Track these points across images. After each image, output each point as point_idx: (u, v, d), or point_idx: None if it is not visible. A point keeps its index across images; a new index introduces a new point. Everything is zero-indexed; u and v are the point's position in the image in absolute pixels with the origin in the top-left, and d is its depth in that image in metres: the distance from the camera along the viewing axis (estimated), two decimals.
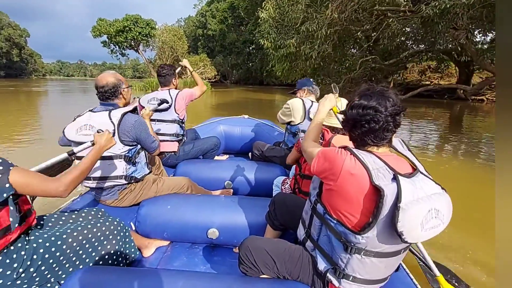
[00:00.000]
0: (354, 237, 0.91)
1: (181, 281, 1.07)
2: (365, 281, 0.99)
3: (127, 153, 1.66)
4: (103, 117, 1.59)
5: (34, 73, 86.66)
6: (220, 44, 39.49)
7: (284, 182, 1.98)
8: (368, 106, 0.93)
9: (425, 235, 0.84)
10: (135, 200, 1.79)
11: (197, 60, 29.63)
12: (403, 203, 0.81)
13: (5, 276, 1.02)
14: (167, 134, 2.55)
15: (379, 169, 0.88)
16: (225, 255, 1.69)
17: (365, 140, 0.97)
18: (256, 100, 17.14)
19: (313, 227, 1.09)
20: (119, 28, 27.65)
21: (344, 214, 0.94)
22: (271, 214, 1.50)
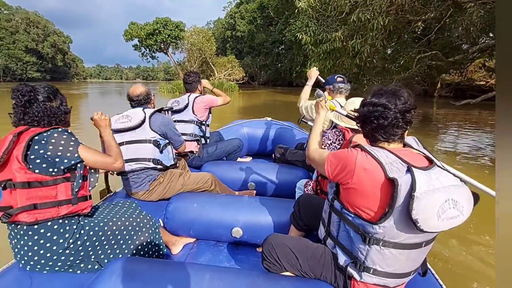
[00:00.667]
0: (372, 227, 0.93)
1: (208, 274, 1.13)
2: (386, 274, 0.98)
3: (155, 138, 1.87)
4: (137, 109, 1.90)
5: (76, 76, 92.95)
6: (249, 45, 38.66)
7: (307, 184, 1.95)
8: (378, 103, 0.98)
9: (442, 225, 0.84)
10: (163, 193, 1.94)
11: (225, 61, 28.87)
12: (417, 192, 0.83)
13: (58, 243, 1.18)
14: (185, 134, 2.59)
15: (392, 163, 0.91)
16: (249, 254, 1.74)
17: (375, 136, 1.01)
18: (284, 103, 15.78)
19: (332, 224, 1.11)
20: (149, 31, 27.86)
21: (361, 208, 0.97)
22: (295, 214, 1.52)
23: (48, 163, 1.14)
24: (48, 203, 1.16)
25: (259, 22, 36.21)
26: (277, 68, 39.40)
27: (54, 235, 1.17)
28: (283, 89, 30.08)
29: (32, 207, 1.13)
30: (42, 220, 1.15)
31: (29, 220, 1.13)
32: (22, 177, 1.11)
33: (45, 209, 1.15)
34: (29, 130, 1.17)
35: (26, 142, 1.10)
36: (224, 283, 1.10)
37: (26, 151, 1.10)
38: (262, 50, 37.39)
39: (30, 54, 58.58)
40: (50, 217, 1.16)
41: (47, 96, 1.23)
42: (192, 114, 2.66)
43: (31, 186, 1.12)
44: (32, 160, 1.11)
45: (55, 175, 1.16)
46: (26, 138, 1.12)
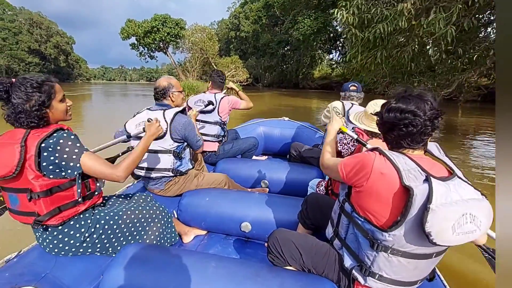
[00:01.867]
0: (381, 234, 0.91)
1: (214, 262, 1.19)
2: (392, 281, 0.97)
3: (176, 149, 1.88)
4: (158, 116, 1.81)
5: (79, 77, 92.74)
6: (253, 45, 37.47)
7: (319, 184, 1.97)
8: (406, 110, 0.92)
9: (456, 239, 0.81)
10: (178, 191, 1.99)
11: (228, 62, 27.55)
12: (433, 204, 0.79)
13: (75, 237, 1.26)
14: (209, 135, 2.69)
15: (410, 170, 0.88)
16: (257, 249, 1.77)
17: (401, 143, 0.96)
18: (292, 107, 14.30)
19: (341, 226, 1.10)
20: (147, 28, 25.73)
21: (372, 213, 0.94)
22: (303, 213, 1.54)
23: (59, 169, 1.18)
24: (70, 204, 1.22)
25: (264, 22, 35.00)
26: (282, 69, 38.23)
27: (71, 231, 1.25)
28: (288, 92, 28.62)
29: (57, 210, 1.19)
30: (67, 220, 1.23)
31: (57, 223, 1.20)
32: (41, 185, 1.14)
33: (68, 209, 1.23)
34: (32, 135, 1.14)
35: (36, 150, 1.12)
36: (227, 271, 1.14)
37: (38, 159, 1.12)
38: (267, 51, 36.12)
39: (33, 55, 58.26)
40: (72, 216, 1.25)
41: (27, 93, 1.14)
42: (217, 115, 2.68)
43: (53, 192, 1.17)
44: (45, 167, 1.14)
45: (69, 177, 1.20)
46: (34, 144, 1.12)
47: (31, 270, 1.17)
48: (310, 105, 15.38)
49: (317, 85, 34.68)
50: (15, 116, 1.13)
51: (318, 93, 26.77)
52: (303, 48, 29.33)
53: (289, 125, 3.58)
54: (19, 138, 1.11)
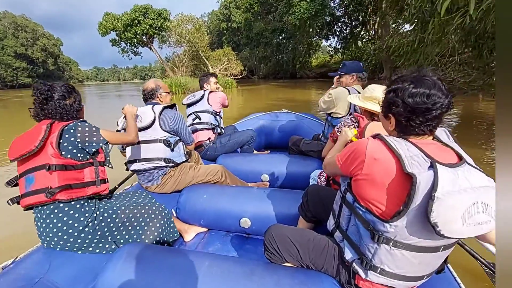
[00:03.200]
0: (382, 225, 0.86)
1: (208, 261, 1.18)
2: (395, 276, 0.91)
3: (166, 138, 1.91)
4: (147, 109, 1.92)
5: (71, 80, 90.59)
6: (246, 35, 35.49)
7: (320, 175, 1.93)
8: (432, 93, 0.84)
9: (468, 231, 0.75)
10: (175, 185, 1.98)
11: (220, 54, 25.80)
12: (439, 192, 0.74)
13: (79, 220, 1.30)
14: (201, 123, 2.72)
15: (413, 157, 0.82)
16: (257, 244, 1.74)
17: (414, 127, 0.88)
18: (290, 101, 12.65)
19: (342, 217, 1.06)
20: (127, 21, 22.57)
21: (372, 202, 0.90)
22: (303, 205, 1.50)
23: (77, 149, 1.31)
24: (79, 184, 1.33)
25: (256, 10, 33.05)
26: (278, 59, 36.54)
27: (76, 213, 1.31)
28: (285, 83, 26.96)
29: (69, 186, 1.28)
30: (76, 198, 1.31)
31: (66, 198, 1.28)
32: (58, 161, 1.26)
33: (77, 189, 1.32)
34: (56, 123, 1.33)
35: (59, 131, 1.27)
36: (222, 270, 1.13)
37: (59, 139, 1.27)
38: (261, 40, 34.21)
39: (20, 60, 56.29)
40: (81, 196, 1.33)
41: (62, 95, 1.38)
42: (207, 104, 2.76)
43: (67, 169, 1.29)
44: (64, 147, 1.28)
45: (82, 160, 1.34)
46: (58, 127, 1.29)
47: (26, 276, 1.16)
48: (309, 97, 13.91)
49: (315, 73, 33.26)
50: (54, 111, 1.35)
51: (316, 82, 25.14)
52: (299, 35, 27.55)
53: (289, 117, 3.50)
54: (46, 123, 1.31)
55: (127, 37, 23.18)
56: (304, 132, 3.14)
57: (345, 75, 2.36)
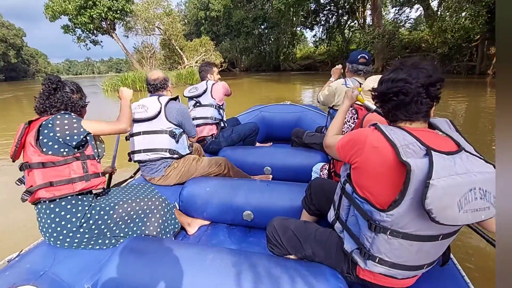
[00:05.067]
0: (379, 214, 0.85)
1: (210, 254, 1.17)
2: (393, 265, 0.91)
3: (172, 129, 1.87)
4: (152, 99, 1.87)
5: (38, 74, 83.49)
6: (226, 24, 33.04)
7: (322, 168, 1.92)
8: (397, 78, 0.89)
9: (465, 218, 0.74)
10: (178, 177, 1.95)
11: (196, 45, 23.31)
12: (434, 179, 0.72)
13: (71, 221, 1.27)
14: (206, 118, 2.62)
15: (408, 145, 0.81)
16: (261, 237, 1.70)
17: (397, 114, 0.92)
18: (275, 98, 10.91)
19: (342, 208, 1.06)
20: (79, 2, 17.97)
21: (370, 191, 0.90)
22: (307, 198, 1.48)
23: (59, 144, 1.25)
24: (63, 181, 1.26)
25: None
26: (260, 51, 34.47)
27: (67, 214, 1.27)
28: (268, 76, 24.88)
29: (49, 184, 1.23)
30: (60, 196, 1.26)
31: (47, 196, 1.24)
32: (36, 159, 1.23)
33: (61, 185, 1.26)
34: (39, 119, 1.29)
35: (37, 128, 1.23)
36: (225, 263, 1.12)
37: (37, 136, 1.23)
38: (242, 30, 31.91)
39: None
40: (67, 193, 1.27)
41: (71, 89, 1.40)
42: (211, 98, 2.63)
43: (45, 166, 1.23)
44: (44, 144, 1.23)
45: (66, 155, 1.27)
46: (36, 125, 1.25)
47: (30, 269, 1.17)
48: (295, 93, 12.44)
49: (299, 66, 31.71)
50: (61, 101, 1.34)
51: (301, 75, 23.40)
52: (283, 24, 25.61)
53: (292, 109, 3.46)
54: (26, 123, 1.27)
55: (81, 22, 18.91)
56: (307, 125, 3.10)
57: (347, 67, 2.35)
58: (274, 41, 31.28)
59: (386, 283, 0.97)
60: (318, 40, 30.78)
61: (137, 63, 20.75)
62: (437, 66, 0.89)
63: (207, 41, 23.85)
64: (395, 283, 0.96)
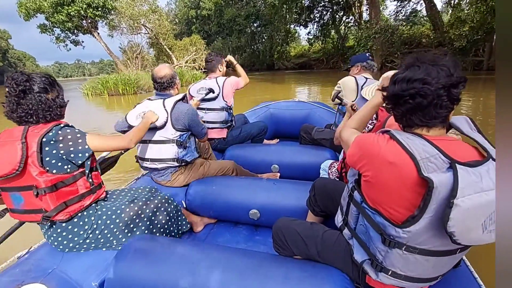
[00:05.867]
0: (394, 230, 0.78)
1: (216, 253, 1.17)
2: (407, 278, 0.85)
3: (179, 138, 1.77)
4: (158, 105, 1.73)
5: None
6: (217, 22, 32.01)
7: (331, 165, 1.89)
8: (414, 78, 0.77)
9: (488, 238, 0.69)
10: (185, 181, 1.90)
11: (186, 44, 22.17)
12: (459, 198, 0.65)
13: (79, 235, 1.26)
14: (217, 122, 2.52)
15: (429, 158, 0.72)
16: (267, 236, 1.69)
17: (412, 119, 0.80)
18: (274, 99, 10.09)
19: (350, 215, 0.99)
20: None
21: (383, 206, 0.82)
22: (311, 199, 1.43)
23: (62, 162, 1.18)
24: (75, 198, 1.22)
25: None
26: (253, 49, 33.55)
27: (75, 228, 1.24)
28: (262, 75, 23.93)
29: (64, 205, 1.19)
30: (74, 215, 1.24)
31: (65, 218, 1.20)
32: (46, 181, 1.14)
33: (74, 204, 1.23)
34: (31, 132, 1.15)
35: (37, 145, 1.12)
36: (230, 262, 1.11)
37: (40, 155, 1.12)
38: (234, 28, 30.96)
39: None
40: (78, 210, 1.24)
41: (43, 87, 1.18)
42: (223, 100, 2.47)
43: (58, 187, 1.17)
44: (47, 162, 1.14)
45: (71, 172, 1.20)
46: (35, 140, 1.12)
47: (39, 266, 1.17)
48: (289, 92, 11.73)
49: (293, 64, 30.92)
50: (35, 107, 1.15)
51: (296, 74, 22.57)
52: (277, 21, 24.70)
53: (300, 106, 3.39)
54: (18, 136, 1.12)
55: (59, 20, 17.11)
56: (315, 122, 3.02)
57: (351, 68, 2.39)
58: (268, 39, 30.39)
59: None
60: (312, 38, 30.00)
61: (122, 64, 19.32)
62: (458, 62, 0.78)
63: (197, 39, 22.75)
64: None
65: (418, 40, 16.57)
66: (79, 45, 20.57)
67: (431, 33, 15.60)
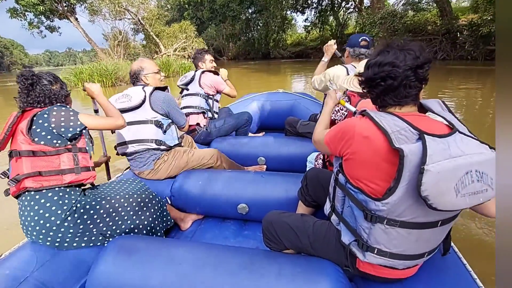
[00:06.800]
0: (374, 204, 0.83)
1: (205, 252, 1.13)
2: (393, 255, 0.89)
3: (157, 119, 1.77)
4: (137, 88, 1.79)
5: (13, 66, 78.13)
6: (209, 7, 30.23)
7: (317, 157, 1.87)
8: (384, 62, 0.84)
9: (463, 202, 0.72)
10: (168, 170, 1.86)
11: (175, 30, 20.70)
12: (429, 164, 0.70)
13: (56, 214, 1.21)
14: (191, 107, 2.57)
15: (400, 131, 0.78)
16: (256, 230, 1.68)
17: (386, 100, 0.88)
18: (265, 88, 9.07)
19: (336, 200, 1.03)
20: None
21: (363, 181, 0.87)
22: (303, 189, 1.44)
23: (52, 135, 1.21)
24: (52, 171, 1.22)
25: None
26: (248, 37, 31.96)
27: (53, 206, 1.22)
28: (257, 64, 22.62)
29: (37, 173, 1.19)
30: (48, 187, 1.21)
31: (35, 186, 1.19)
32: (26, 147, 1.19)
33: (50, 176, 1.21)
34: (33, 110, 1.25)
35: (30, 117, 1.19)
36: (220, 260, 1.09)
37: (30, 125, 1.19)
38: (228, 14, 29.22)
39: None
40: (55, 184, 1.22)
41: (49, 80, 1.31)
42: (198, 87, 2.59)
43: (36, 154, 1.19)
44: (37, 133, 1.19)
45: (58, 146, 1.23)
46: (30, 114, 1.21)
47: (11, 275, 1.09)
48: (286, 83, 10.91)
49: (290, 53, 29.50)
50: (43, 95, 1.28)
51: (292, 63, 21.30)
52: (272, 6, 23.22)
53: (285, 97, 3.36)
54: (19, 111, 1.24)
55: (29, 3, 15.26)
56: (300, 113, 3.02)
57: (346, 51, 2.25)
58: (263, 26, 28.80)
59: (387, 274, 0.95)
60: (310, 25, 28.52)
61: (102, 53, 17.75)
62: (423, 46, 0.84)
63: (187, 25, 21.26)
64: (396, 273, 0.95)
65: (422, 27, 15.41)
66: (56, 31, 18.86)
67: (438, 19, 14.43)
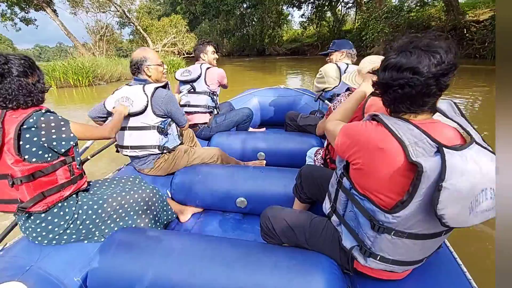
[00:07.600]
0: (383, 215, 0.79)
1: (203, 243, 1.14)
2: (395, 262, 0.88)
3: (160, 124, 1.73)
4: (138, 90, 1.68)
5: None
6: (202, 2, 29.00)
7: (317, 152, 1.85)
8: (404, 66, 0.74)
9: (474, 220, 0.70)
10: (169, 169, 1.87)
11: (165, 25, 19.57)
12: (447, 181, 0.66)
13: (59, 225, 1.20)
14: (198, 106, 2.51)
15: (417, 143, 0.74)
16: (254, 224, 1.69)
17: (400, 107, 0.80)
18: None
19: (338, 202, 1.00)
20: None
21: (373, 193, 0.82)
22: (297, 187, 1.43)
23: (43, 150, 1.12)
24: (53, 189, 1.17)
25: None
26: (243, 33, 30.88)
27: (55, 218, 1.19)
28: (252, 61, 21.61)
29: (41, 196, 1.14)
30: (52, 206, 1.18)
31: (42, 209, 1.15)
32: (22, 170, 1.08)
33: (53, 195, 1.17)
34: (9, 117, 1.08)
35: (15, 132, 1.06)
36: (218, 252, 1.10)
37: (18, 142, 1.06)
38: (222, 8, 28.04)
39: None
40: (57, 201, 1.19)
41: (23, 71, 1.10)
42: (205, 84, 2.49)
43: (35, 177, 1.12)
44: (27, 150, 1.09)
45: (51, 160, 1.15)
46: (12, 127, 1.06)
47: (15, 264, 1.12)
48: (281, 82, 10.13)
49: (286, 50, 28.54)
50: (15, 92, 1.08)
51: (288, 60, 20.37)
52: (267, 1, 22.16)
53: (286, 93, 3.34)
54: None
55: None
56: (301, 108, 3.02)
57: (335, 53, 2.38)
58: (258, 21, 27.74)
59: (384, 276, 0.95)
60: (306, 21, 27.55)
61: (83, 48, 16.54)
62: (453, 44, 0.74)
63: (178, 19, 20.11)
64: (393, 275, 0.95)
65: (426, 23, 14.60)
66: (32, 23, 17.46)
67: (443, 15, 13.63)
